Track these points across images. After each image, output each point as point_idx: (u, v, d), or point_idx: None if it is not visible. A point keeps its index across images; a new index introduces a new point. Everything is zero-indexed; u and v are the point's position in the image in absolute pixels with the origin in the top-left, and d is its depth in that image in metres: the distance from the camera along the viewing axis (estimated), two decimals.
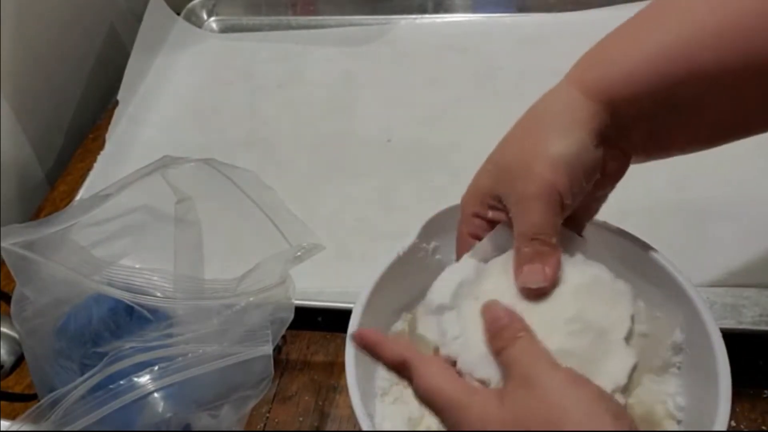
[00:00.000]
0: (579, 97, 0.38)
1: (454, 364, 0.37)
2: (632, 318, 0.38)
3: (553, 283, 0.38)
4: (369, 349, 0.37)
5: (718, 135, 0.40)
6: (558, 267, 0.38)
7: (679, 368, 0.44)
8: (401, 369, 0.36)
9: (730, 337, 0.40)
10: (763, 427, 0.49)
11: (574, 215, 0.40)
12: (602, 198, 0.42)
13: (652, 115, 0.38)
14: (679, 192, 0.63)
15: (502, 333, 0.35)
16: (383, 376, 0.47)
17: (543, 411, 0.31)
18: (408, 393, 0.45)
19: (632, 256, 0.45)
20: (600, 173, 0.39)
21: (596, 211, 0.43)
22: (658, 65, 0.37)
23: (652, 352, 0.44)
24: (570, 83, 0.39)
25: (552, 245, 0.37)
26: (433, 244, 0.48)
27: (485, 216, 0.41)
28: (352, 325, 0.43)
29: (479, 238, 0.41)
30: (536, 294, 0.38)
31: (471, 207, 0.41)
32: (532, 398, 0.32)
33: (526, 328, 0.35)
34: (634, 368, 0.36)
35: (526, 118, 0.40)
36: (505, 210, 0.39)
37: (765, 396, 0.51)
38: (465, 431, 0.33)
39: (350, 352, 0.42)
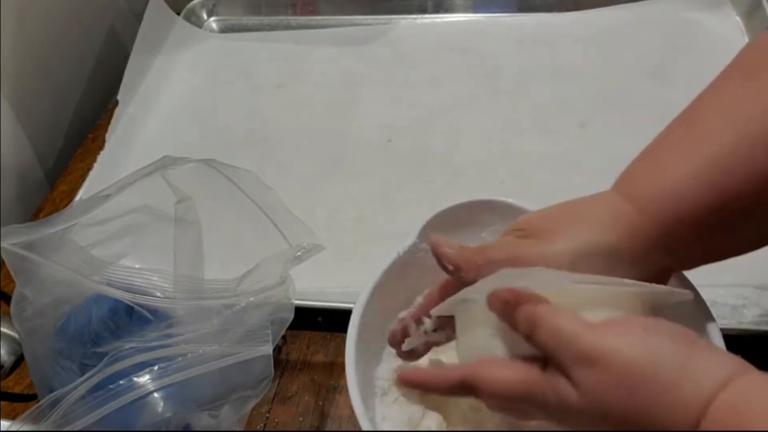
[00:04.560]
0: (625, 206, 0.37)
1: None
2: None
3: None
4: (420, 387, 0.38)
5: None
6: None
7: None
8: (464, 390, 0.35)
9: (730, 337, 0.40)
10: None
11: None
12: None
13: (704, 229, 0.37)
14: None
15: (518, 317, 0.34)
16: (383, 376, 0.47)
17: (622, 383, 0.30)
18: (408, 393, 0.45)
19: None
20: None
21: None
22: (709, 178, 0.36)
23: None
24: (616, 192, 0.39)
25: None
26: None
27: None
28: (352, 325, 0.43)
29: None
30: None
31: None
32: (603, 374, 0.31)
33: (539, 298, 0.34)
34: None
35: (564, 204, 0.39)
36: None
37: None
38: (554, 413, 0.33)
39: (350, 352, 0.42)
